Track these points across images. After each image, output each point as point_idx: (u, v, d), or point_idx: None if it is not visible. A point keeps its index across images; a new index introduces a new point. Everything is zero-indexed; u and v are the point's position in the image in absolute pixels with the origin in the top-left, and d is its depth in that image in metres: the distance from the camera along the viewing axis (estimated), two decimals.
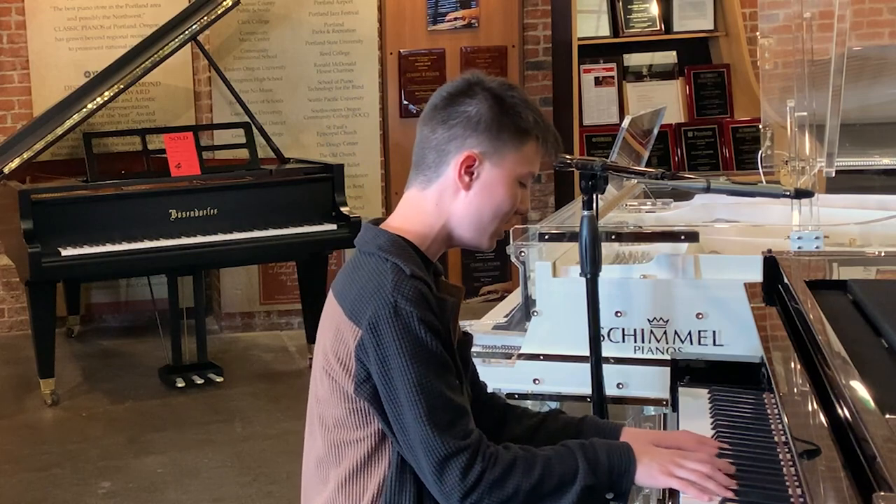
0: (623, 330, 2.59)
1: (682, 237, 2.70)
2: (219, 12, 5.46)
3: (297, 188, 5.36)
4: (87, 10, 6.08)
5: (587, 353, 2.29)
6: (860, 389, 1.51)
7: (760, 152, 3.38)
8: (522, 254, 2.71)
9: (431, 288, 1.79)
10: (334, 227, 5.24)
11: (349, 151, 6.18)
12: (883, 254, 2.45)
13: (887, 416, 1.42)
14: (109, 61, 5.41)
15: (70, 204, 4.98)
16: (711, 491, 1.68)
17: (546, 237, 2.69)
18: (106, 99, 5.25)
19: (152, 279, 5.65)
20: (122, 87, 5.29)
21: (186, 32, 5.40)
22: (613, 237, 2.73)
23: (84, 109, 5.22)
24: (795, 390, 1.75)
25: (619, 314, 2.58)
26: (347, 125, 6.20)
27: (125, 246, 4.93)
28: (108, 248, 4.90)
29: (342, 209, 5.28)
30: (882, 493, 1.22)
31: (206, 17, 5.43)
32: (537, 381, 2.62)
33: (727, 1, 6.75)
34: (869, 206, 3.24)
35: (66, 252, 4.82)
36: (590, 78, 6.74)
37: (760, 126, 3.58)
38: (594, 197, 2.24)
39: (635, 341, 2.58)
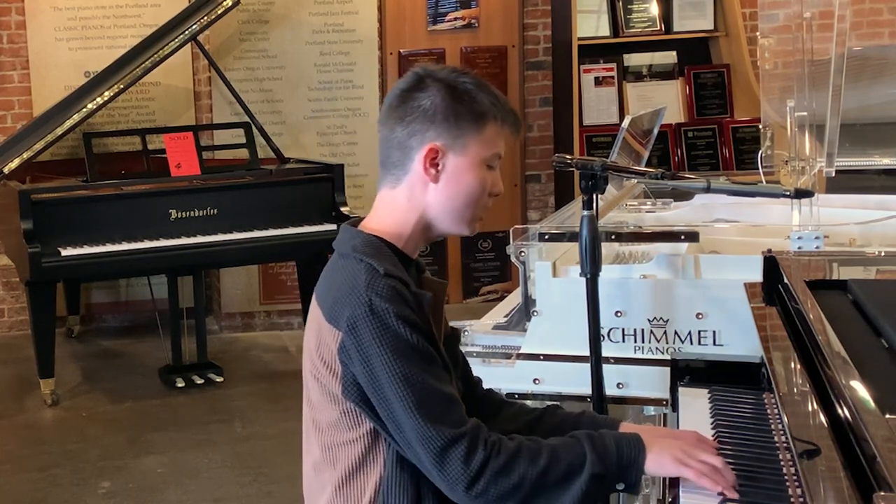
0: (623, 330, 2.58)
1: (682, 237, 2.70)
2: (219, 12, 5.46)
3: (297, 188, 5.36)
4: (87, 10, 6.08)
5: (587, 353, 2.29)
6: (860, 389, 1.51)
7: (760, 152, 3.37)
8: (522, 254, 2.71)
9: (408, 285, 1.79)
10: (334, 227, 5.24)
11: (349, 151, 6.18)
12: (883, 254, 2.45)
13: (887, 416, 1.42)
14: (109, 61, 5.41)
15: (70, 204, 4.98)
16: (722, 484, 1.67)
17: (546, 237, 2.69)
18: (106, 99, 5.26)
19: (152, 279, 5.65)
20: (122, 87, 5.29)
21: (186, 32, 5.41)
22: (613, 237, 2.73)
23: (84, 109, 5.22)
24: (795, 390, 1.75)
25: (619, 314, 2.58)
26: (347, 125, 6.20)
27: (125, 246, 4.93)
28: (108, 248, 4.90)
29: (342, 209, 5.28)
30: (882, 493, 1.22)
31: (206, 17, 5.44)
32: (537, 381, 2.62)
33: (727, 1, 6.75)
34: (869, 206, 3.24)
35: (66, 252, 4.82)
36: (590, 78, 6.74)
37: (760, 126, 3.58)
38: (594, 197, 2.24)
39: (635, 341, 2.58)
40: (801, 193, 2.45)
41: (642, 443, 1.76)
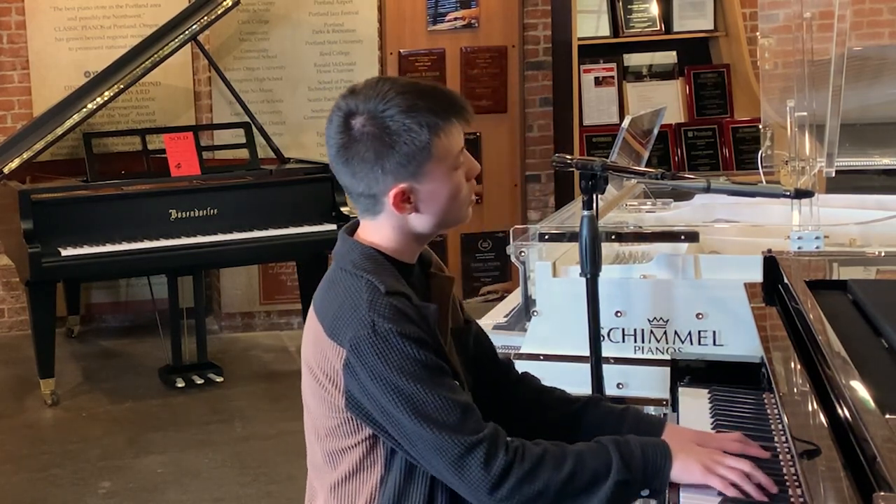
0: (623, 330, 2.59)
1: (682, 237, 2.70)
2: (219, 12, 5.46)
3: (297, 188, 5.36)
4: (87, 10, 6.07)
5: (587, 353, 2.30)
6: (860, 389, 1.51)
7: (760, 152, 3.38)
8: (522, 254, 2.72)
9: (410, 298, 1.77)
10: (334, 227, 5.23)
11: None
12: (883, 254, 2.45)
13: (887, 416, 1.42)
14: (109, 61, 5.40)
15: (70, 204, 4.98)
16: (752, 491, 1.66)
17: (546, 237, 2.70)
18: (106, 99, 5.25)
19: (152, 279, 5.65)
20: (122, 87, 5.29)
21: (186, 32, 5.40)
22: (613, 237, 2.73)
23: (84, 109, 5.22)
24: (795, 390, 1.75)
25: (619, 314, 2.58)
26: None
27: (125, 246, 4.93)
28: (108, 248, 4.89)
29: (342, 209, 5.28)
30: (882, 493, 1.23)
31: (206, 17, 5.43)
32: None
33: (727, 1, 6.75)
34: (869, 206, 3.24)
35: (66, 252, 4.82)
36: (590, 78, 6.74)
37: (760, 126, 3.58)
38: (594, 197, 2.24)
39: (635, 341, 2.58)
40: (801, 193, 2.46)
41: (669, 450, 1.75)
